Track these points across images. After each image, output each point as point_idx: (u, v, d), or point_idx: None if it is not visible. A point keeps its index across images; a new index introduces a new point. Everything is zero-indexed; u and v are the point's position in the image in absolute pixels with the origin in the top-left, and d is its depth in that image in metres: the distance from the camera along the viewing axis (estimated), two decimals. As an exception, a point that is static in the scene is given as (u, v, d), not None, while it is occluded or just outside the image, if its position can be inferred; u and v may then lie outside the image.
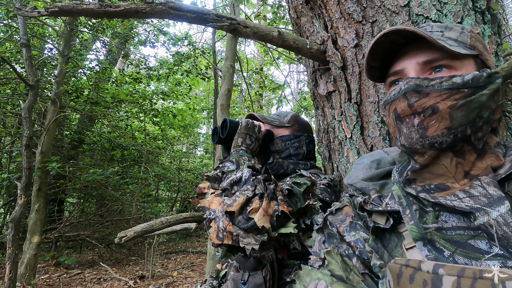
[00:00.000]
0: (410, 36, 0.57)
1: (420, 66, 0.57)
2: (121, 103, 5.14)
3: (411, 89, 0.53)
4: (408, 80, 0.54)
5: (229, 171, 0.88)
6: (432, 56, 0.56)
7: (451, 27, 0.60)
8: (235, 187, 0.82)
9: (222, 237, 0.75)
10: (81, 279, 3.94)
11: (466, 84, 0.50)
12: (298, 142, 1.12)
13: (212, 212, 0.80)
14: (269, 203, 0.77)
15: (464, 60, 0.55)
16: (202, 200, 0.85)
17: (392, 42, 0.60)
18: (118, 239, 1.00)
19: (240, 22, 1.05)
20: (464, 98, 0.50)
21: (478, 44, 0.58)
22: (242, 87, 7.43)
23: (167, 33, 5.55)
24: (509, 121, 0.83)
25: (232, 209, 0.75)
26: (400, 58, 0.61)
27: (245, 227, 0.74)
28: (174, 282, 3.97)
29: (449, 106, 0.50)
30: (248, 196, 0.77)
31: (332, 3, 1.11)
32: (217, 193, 0.84)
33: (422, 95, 0.52)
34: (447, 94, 0.51)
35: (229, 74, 3.22)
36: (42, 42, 5.11)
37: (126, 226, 5.59)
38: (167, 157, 7.76)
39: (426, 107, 0.52)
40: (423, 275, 0.38)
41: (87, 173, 4.20)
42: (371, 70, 0.67)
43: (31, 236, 3.59)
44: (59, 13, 0.96)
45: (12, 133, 4.78)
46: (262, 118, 1.15)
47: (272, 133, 1.12)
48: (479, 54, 0.57)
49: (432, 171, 0.53)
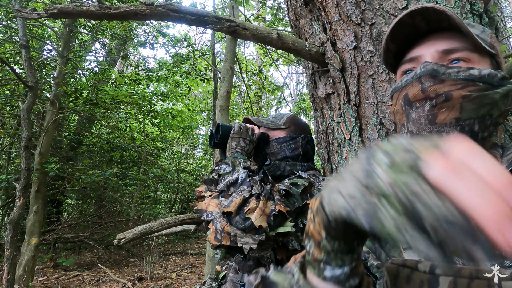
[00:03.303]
0: (434, 22, 0.55)
1: (438, 55, 0.55)
2: (120, 104, 5.14)
3: (427, 72, 0.52)
4: (426, 64, 0.53)
5: (225, 173, 0.89)
6: (453, 46, 0.54)
7: (474, 25, 0.59)
8: (232, 188, 0.83)
9: (220, 238, 0.75)
10: (80, 281, 3.93)
11: (482, 78, 0.50)
12: (294, 143, 1.12)
13: (209, 214, 0.80)
14: (266, 203, 0.77)
15: (483, 57, 0.55)
16: (199, 203, 0.85)
17: (416, 27, 0.58)
18: (117, 241, 1.00)
19: (240, 24, 1.05)
20: (478, 91, 0.50)
21: (497, 46, 0.57)
22: (241, 89, 7.44)
23: (166, 34, 5.55)
24: (507, 123, 0.84)
25: (230, 210, 0.76)
26: (418, 45, 0.59)
27: (242, 227, 0.75)
28: (173, 283, 3.96)
29: (462, 96, 0.49)
30: (245, 197, 0.78)
31: (331, 5, 1.12)
32: (214, 195, 0.84)
33: (437, 80, 0.51)
34: (462, 85, 0.50)
35: (228, 75, 3.22)
36: (41, 43, 5.11)
37: (125, 227, 5.57)
38: (166, 158, 7.75)
39: (440, 93, 0.51)
40: (420, 276, 0.38)
41: (86, 175, 4.19)
42: (387, 53, 0.64)
43: (29, 237, 3.58)
44: (59, 15, 0.97)
45: (11, 134, 4.76)
46: (257, 121, 1.15)
47: (267, 135, 1.12)
48: (496, 55, 0.57)
49: None
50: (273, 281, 0.42)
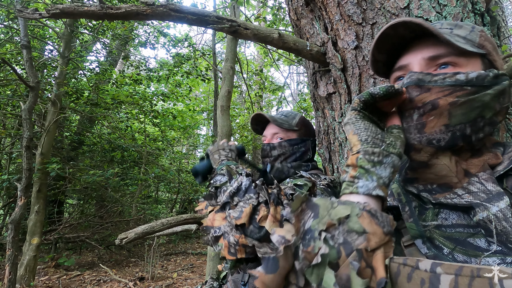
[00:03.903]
0: (418, 31, 0.56)
1: (425, 62, 0.56)
2: (121, 104, 5.14)
3: (413, 83, 0.53)
4: (411, 74, 0.54)
5: (222, 184, 0.86)
6: (438, 52, 0.55)
7: (461, 25, 0.59)
8: (236, 198, 0.80)
9: (234, 252, 0.73)
10: (81, 281, 3.93)
11: (469, 82, 0.50)
12: (304, 146, 1.12)
13: (217, 230, 0.77)
14: (276, 208, 0.75)
15: (471, 58, 0.54)
16: (204, 220, 0.82)
17: (400, 36, 0.59)
18: (119, 241, 1.00)
19: (241, 24, 1.05)
20: (466, 96, 0.49)
21: (487, 44, 0.57)
22: (242, 89, 7.44)
23: (167, 34, 5.56)
24: (508, 122, 0.84)
25: (242, 221, 0.73)
26: (406, 53, 0.60)
27: (258, 236, 0.72)
28: (174, 283, 3.97)
29: (450, 103, 0.50)
30: (253, 205, 0.75)
31: (332, 5, 1.12)
32: (216, 209, 0.81)
33: (423, 90, 0.52)
34: (449, 91, 0.50)
35: (229, 75, 3.22)
36: (43, 43, 5.13)
37: (126, 227, 5.58)
38: (167, 158, 7.75)
39: (426, 102, 0.51)
40: (421, 274, 0.38)
41: (87, 175, 4.19)
42: (376, 63, 0.66)
43: (30, 237, 3.58)
44: (61, 15, 0.97)
45: (12, 134, 4.77)
46: (272, 119, 1.14)
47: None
48: (487, 54, 0.56)
49: (435, 172, 0.53)
50: (316, 203, 0.48)
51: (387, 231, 0.42)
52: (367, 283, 0.38)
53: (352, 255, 0.40)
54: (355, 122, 0.53)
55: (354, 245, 0.40)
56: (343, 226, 0.43)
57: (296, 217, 0.48)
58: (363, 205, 0.44)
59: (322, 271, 0.41)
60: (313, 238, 0.44)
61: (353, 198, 0.48)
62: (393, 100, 0.55)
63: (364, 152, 0.50)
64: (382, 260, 0.40)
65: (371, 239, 0.41)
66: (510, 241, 0.42)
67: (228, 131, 2.94)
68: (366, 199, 0.47)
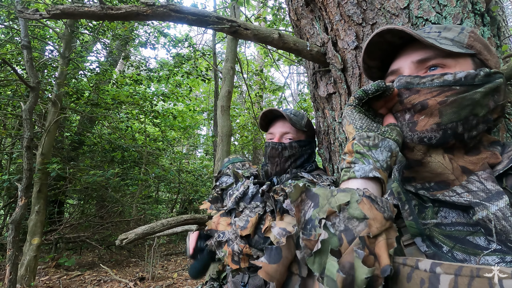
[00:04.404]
0: (406, 37, 0.58)
1: (414, 65, 0.58)
2: (122, 104, 5.15)
3: (402, 86, 0.55)
4: (400, 78, 0.56)
5: (228, 186, 0.86)
6: (426, 55, 0.57)
7: (450, 28, 0.60)
8: (242, 204, 0.79)
9: (238, 261, 0.73)
10: (81, 281, 3.93)
11: (458, 81, 0.51)
12: (310, 148, 1.13)
13: (221, 234, 0.77)
14: (282, 217, 0.75)
15: (459, 59, 0.56)
16: (208, 222, 0.82)
17: (389, 42, 0.61)
18: (119, 241, 1.00)
19: (241, 24, 1.05)
20: (455, 95, 0.51)
21: (477, 44, 0.57)
22: (243, 89, 7.44)
23: (167, 35, 5.56)
24: (509, 122, 0.84)
25: (248, 232, 0.73)
26: (397, 58, 0.62)
27: (263, 247, 0.72)
28: (174, 283, 3.97)
29: (439, 102, 0.51)
30: (259, 214, 0.75)
31: (332, 5, 1.12)
32: (221, 213, 0.81)
33: (412, 92, 0.54)
34: (438, 91, 0.52)
35: (230, 75, 3.22)
36: (43, 44, 5.13)
37: (126, 227, 5.58)
38: (167, 158, 7.75)
39: (415, 103, 0.53)
40: (421, 274, 0.38)
41: (87, 175, 4.20)
42: (369, 70, 0.68)
43: (31, 237, 3.59)
44: (61, 16, 0.97)
45: (13, 134, 4.78)
46: (288, 117, 1.09)
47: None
48: (477, 53, 0.57)
49: (431, 170, 0.54)
50: (315, 193, 0.49)
51: (387, 216, 0.42)
52: (372, 271, 0.37)
53: (355, 242, 0.39)
54: (350, 115, 0.56)
55: (355, 232, 0.40)
56: (344, 213, 0.43)
57: (297, 207, 0.49)
58: (362, 191, 0.44)
59: (324, 259, 0.40)
60: (314, 227, 0.44)
61: (351, 183, 0.48)
62: (386, 100, 0.57)
63: (359, 137, 0.52)
64: (385, 247, 0.40)
65: (372, 224, 0.41)
66: (509, 240, 0.42)
67: (228, 131, 2.94)
68: (364, 183, 0.47)
